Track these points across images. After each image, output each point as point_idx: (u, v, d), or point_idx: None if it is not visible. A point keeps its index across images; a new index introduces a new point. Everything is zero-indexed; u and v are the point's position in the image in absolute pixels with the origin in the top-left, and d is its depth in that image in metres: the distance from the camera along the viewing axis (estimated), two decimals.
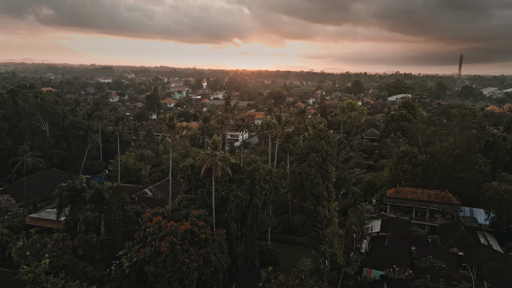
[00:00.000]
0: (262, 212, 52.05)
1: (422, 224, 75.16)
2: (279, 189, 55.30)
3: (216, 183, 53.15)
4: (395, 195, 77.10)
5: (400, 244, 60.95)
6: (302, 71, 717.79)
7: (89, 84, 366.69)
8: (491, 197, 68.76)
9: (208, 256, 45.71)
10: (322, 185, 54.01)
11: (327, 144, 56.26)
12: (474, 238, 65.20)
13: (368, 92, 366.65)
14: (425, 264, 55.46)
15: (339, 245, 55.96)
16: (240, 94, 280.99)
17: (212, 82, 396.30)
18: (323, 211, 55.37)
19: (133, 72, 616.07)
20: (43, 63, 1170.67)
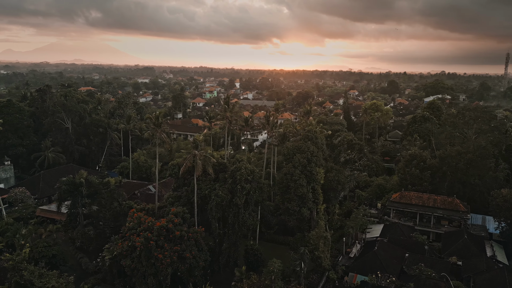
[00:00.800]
0: (244, 212, 52.24)
1: (427, 231, 72.30)
2: (263, 189, 55.18)
3: (200, 181, 54.03)
4: (399, 199, 74.59)
5: (393, 250, 58.96)
6: (340, 71, 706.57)
7: (128, 84, 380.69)
8: (499, 205, 64.85)
9: (183, 253, 46.56)
10: (306, 186, 53.32)
11: (314, 145, 55.43)
12: (478, 248, 61.78)
13: (405, 92, 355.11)
14: (414, 272, 53.46)
15: (325, 248, 55.07)
16: (269, 94, 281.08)
17: (244, 82, 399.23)
18: (307, 213, 54.64)
19: (171, 72, 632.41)
20: (91, 63, 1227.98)
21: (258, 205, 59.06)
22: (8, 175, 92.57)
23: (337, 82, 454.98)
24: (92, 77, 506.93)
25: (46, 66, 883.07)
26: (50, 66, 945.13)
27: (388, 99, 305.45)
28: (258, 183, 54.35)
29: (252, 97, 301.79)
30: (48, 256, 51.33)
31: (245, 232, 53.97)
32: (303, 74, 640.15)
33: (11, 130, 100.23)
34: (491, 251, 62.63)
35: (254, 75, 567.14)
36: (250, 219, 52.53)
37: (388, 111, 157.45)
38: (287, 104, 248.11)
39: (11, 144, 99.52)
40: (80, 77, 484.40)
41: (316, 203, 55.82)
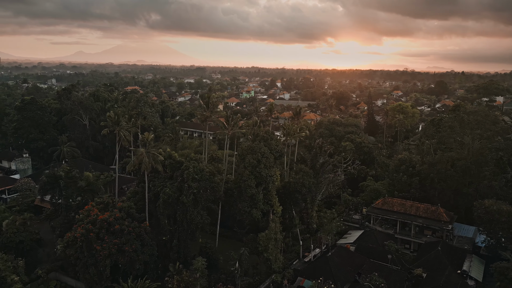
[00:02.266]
0: (193, 210, 53.26)
1: (408, 240, 68.69)
2: (215, 189, 55.70)
3: (156, 179, 55.89)
4: (381, 206, 71.52)
5: (351, 257, 56.91)
6: (392, 70, 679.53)
7: (173, 83, 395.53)
8: (480, 216, 60.02)
9: (122, 246, 48.62)
10: (254, 188, 53.12)
11: (267, 146, 54.92)
12: (452, 261, 57.84)
13: (457, 93, 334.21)
14: (364, 281, 51.40)
15: (276, 250, 54.60)
16: (304, 94, 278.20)
17: (286, 82, 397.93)
18: (258, 214, 54.37)
19: (221, 73, 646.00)
20: (151, 64, 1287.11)
21: (218, 204, 59.80)
22: (26, 166, 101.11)
23: (381, 82, 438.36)
24: (145, 77, 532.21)
25: (109, 67, 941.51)
26: (113, 67, 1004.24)
27: (434, 100, 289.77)
28: (211, 182, 55.07)
29: (290, 97, 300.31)
30: (15, 242, 55.73)
31: (194, 230, 54.88)
32: (352, 73, 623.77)
33: (34, 125, 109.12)
34: (468, 265, 58.20)
35: (302, 74, 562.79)
36: (198, 217, 53.43)
37: (415, 114, 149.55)
38: (321, 105, 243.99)
39: (33, 138, 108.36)
40: (135, 77, 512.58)
41: (270, 205, 55.37)
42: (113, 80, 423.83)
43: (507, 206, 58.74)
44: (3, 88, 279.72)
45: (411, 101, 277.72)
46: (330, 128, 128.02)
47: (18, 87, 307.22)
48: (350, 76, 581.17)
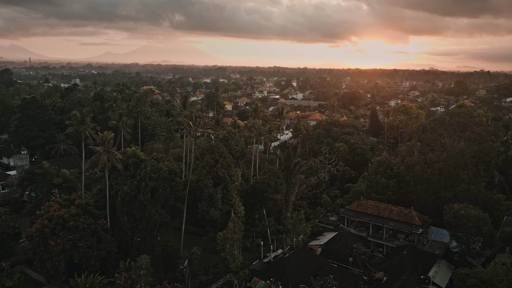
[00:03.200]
0: (151, 208, 54.06)
1: (381, 243, 67.31)
2: (175, 188, 56.22)
3: (120, 177, 57.05)
4: (356, 208, 70.39)
5: (311, 259, 56.32)
6: (422, 70, 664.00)
7: (190, 83, 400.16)
8: (449, 220, 58.21)
9: (77, 242, 49.92)
10: (212, 187, 53.37)
11: (227, 146, 54.99)
12: (417, 266, 56.35)
13: (480, 93, 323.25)
14: (317, 283, 50.86)
15: (234, 249, 54.66)
16: (316, 94, 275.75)
17: (302, 81, 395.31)
18: (216, 213, 54.61)
19: (240, 73, 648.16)
20: (175, 64, 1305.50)
21: (184, 202, 60.40)
22: (23, 163, 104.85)
23: (398, 82, 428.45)
24: (165, 77, 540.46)
25: (134, 67, 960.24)
26: (137, 67, 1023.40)
27: (452, 101, 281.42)
28: (171, 182, 55.72)
29: (303, 97, 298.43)
30: None
31: (152, 228, 55.62)
32: (373, 73, 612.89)
33: (34, 123, 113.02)
34: (434, 271, 56.58)
35: (323, 74, 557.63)
36: (156, 216, 54.16)
37: (419, 115, 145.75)
38: (331, 105, 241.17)
39: (33, 135, 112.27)
40: (156, 77, 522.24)
41: (231, 205, 55.53)
42: (132, 79, 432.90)
43: (476, 211, 56.81)
44: (25, 87, 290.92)
45: (427, 102, 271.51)
46: (327, 128, 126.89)
47: (40, 87, 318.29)
48: (371, 76, 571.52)
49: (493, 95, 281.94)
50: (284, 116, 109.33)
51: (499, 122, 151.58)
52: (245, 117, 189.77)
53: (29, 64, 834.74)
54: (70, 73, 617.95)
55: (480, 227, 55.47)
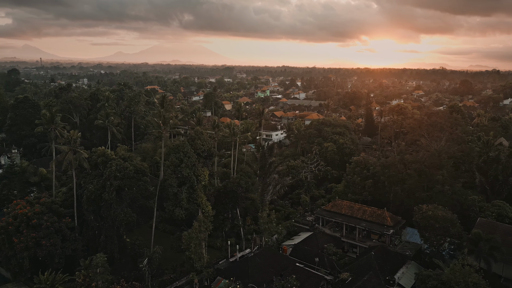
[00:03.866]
0: (116, 207, 54.58)
1: (355, 244, 66.88)
2: (142, 187, 56.65)
3: (88, 176, 57.73)
4: (330, 208, 70.08)
5: (277, 259, 56.25)
6: (433, 69, 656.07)
7: (195, 83, 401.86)
8: (417, 221, 57.60)
9: (40, 240, 50.67)
10: (176, 187, 53.65)
11: (192, 146, 55.19)
12: (385, 266, 55.93)
13: (486, 93, 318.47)
14: (279, 283, 50.84)
15: (199, 249, 54.95)
16: (317, 93, 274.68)
17: (306, 81, 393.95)
18: (181, 213, 54.87)
19: (246, 72, 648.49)
20: (184, 64, 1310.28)
21: (154, 201, 60.80)
22: (14, 162, 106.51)
23: (403, 81, 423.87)
24: (172, 77, 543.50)
25: (144, 67, 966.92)
26: (147, 66, 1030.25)
27: (457, 100, 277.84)
28: (138, 181, 56.17)
29: (305, 96, 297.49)
30: None
31: (118, 226, 56.10)
32: (381, 72, 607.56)
33: (26, 122, 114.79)
34: (402, 272, 56.11)
35: (330, 74, 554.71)
36: (121, 214, 54.64)
37: (414, 115, 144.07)
38: (333, 104, 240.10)
39: (25, 134, 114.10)
40: (163, 76, 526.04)
41: (198, 204, 55.76)
42: (138, 79, 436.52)
43: (445, 212, 56.09)
44: (31, 87, 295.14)
45: (430, 101, 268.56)
46: (318, 128, 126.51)
47: (46, 86, 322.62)
48: (379, 75, 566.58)
49: (499, 95, 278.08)
50: (265, 116, 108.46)
51: (497, 122, 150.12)
52: (243, 117, 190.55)
53: (40, 64, 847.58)
54: (79, 73, 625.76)
55: (447, 228, 54.75)
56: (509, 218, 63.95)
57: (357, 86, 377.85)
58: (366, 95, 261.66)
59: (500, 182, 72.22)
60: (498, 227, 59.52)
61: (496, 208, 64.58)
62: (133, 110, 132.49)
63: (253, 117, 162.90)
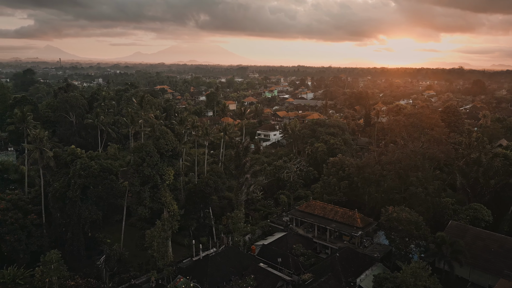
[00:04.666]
0: (81, 205, 55.61)
1: (327, 245, 66.31)
2: (108, 185, 57.43)
3: (58, 174, 59.02)
4: (304, 208, 69.70)
5: (239, 258, 56.28)
6: (452, 68, 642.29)
7: (205, 82, 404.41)
8: (382, 223, 56.77)
9: (4, 235, 52.07)
10: (139, 186, 54.27)
11: (155, 145, 55.65)
12: (350, 268, 55.40)
13: (501, 93, 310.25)
14: (236, 283, 50.98)
15: (162, 247, 55.51)
16: (324, 93, 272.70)
17: (316, 81, 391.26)
18: (144, 211, 55.46)
19: (259, 72, 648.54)
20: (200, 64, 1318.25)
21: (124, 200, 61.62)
22: (10, 159, 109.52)
23: (414, 81, 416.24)
24: (185, 77, 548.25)
25: (160, 67, 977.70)
26: (163, 66, 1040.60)
27: (468, 101, 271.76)
28: (104, 179, 57.07)
29: (313, 96, 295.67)
30: None
31: (83, 224, 57.09)
32: (396, 72, 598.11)
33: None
34: (365, 275, 55.43)
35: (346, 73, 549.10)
36: (86, 212, 55.62)
37: None
38: (338, 105, 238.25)
39: (21, 133, 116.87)
40: (177, 76, 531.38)
41: (160, 202, 56.32)
42: (151, 79, 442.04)
43: (410, 214, 55.06)
44: (43, 87, 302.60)
45: (440, 101, 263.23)
46: (312, 128, 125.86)
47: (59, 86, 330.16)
48: (393, 75, 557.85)
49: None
50: (246, 116, 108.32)
51: (501, 123, 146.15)
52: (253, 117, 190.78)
53: (59, 65, 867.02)
54: (96, 73, 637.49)
55: (411, 230, 53.76)
56: (485, 221, 62.43)
57: (369, 86, 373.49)
58: (373, 95, 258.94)
59: (481, 185, 70.36)
60: (469, 231, 58.18)
61: (471, 211, 63.09)
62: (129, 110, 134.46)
63: (250, 117, 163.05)
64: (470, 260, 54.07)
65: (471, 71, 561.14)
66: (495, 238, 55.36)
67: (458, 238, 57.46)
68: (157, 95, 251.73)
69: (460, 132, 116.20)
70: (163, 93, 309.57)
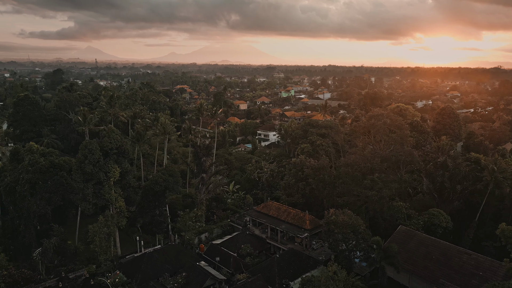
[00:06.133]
0: (30, 199, 58.08)
1: (279, 246, 65.68)
2: (57, 181, 59.50)
3: (15, 169, 61.89)
4: (261, 209, 69.33)
5: (179, 256, 56.82)
6: (492, 68, 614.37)
7: (227, 82, 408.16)
8: (322, 226, 55.56)
9: None
10: (81, 182, 55.96)
11: (100, 144, 57.06)
12: (289, 270, 54.96)
13: None
14: (166, 280, 51.75)
15: (104, 243, 57.06)
16: (339, 94, 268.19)
17: (338, 80, 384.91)
18: (87, 207, 57.00)
19: (286, 71, 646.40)
20: (231, 64, 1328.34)
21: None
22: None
23: (439, 81, 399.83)
24: (211, 76, 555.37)
25: (191, 67, 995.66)
26: (194, 66, 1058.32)
27: (493, 102, 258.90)
28: (54, 175, 59.30)
29: (330, 96, 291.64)
30: None
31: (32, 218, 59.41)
32: (425, 72, 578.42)
33: (25, 118, 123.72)
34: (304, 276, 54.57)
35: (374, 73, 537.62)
36: (34, 206, 57.99)
37: (414, 117, 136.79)
38: (352, 105, 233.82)
39: (23, 130, 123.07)
40: (200, 76, 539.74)
41: (104, 199, 57.86)
42: (174, 79, 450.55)
43: (348, 217, 53.57)
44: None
45: (462, 103, 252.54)
46: (304, 129, 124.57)
47: (86, 85, 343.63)
48: (423, 75, 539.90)
49: None
50: (218, 116, 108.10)
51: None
52: (252, 117, 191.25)
53: (95, 65, 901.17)
54: (128, 73, 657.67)
55: (347, 234, 52.36)
56: (442, 227, 59.94)
57: (393, 86, 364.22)
58: (390, 96, 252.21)
59: (448, 190, 67.37)
60: (415, 237, 56.09)
61: (427, 217, 60.72)
62: (129, 108, 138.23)
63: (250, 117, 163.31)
64: (410, 266, 52.28)
65: (507, 70, 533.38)
66: (438, 245, 53.04)
67: (403, 243, 55.78)
68: (171, 94, 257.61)
69: (457, 135, 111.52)
70: (182, 93, 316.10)
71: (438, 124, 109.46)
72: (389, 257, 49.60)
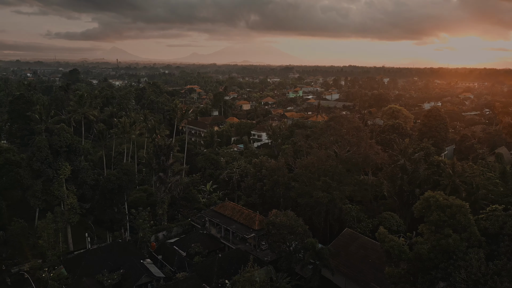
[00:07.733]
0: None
1: (231, 246, 65.56)
2: (13, 178, 61.32)
3: None
4: (218, 209, 69.37)
5: (123, 254, 57.47)
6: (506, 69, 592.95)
7: (238, 82, 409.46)
8: (264, 227, 55.18)
9: None
10: (30, 179, 57.53)
11: (50, 142, 58.44)
12: (230, 268, 54.86)
13: None
14: (102, 277, 52.52)
15: (52, 239, 58.41)
16: (345, 94, 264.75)
17: (350, 81, 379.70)
18: (35, 203, 58.63)
19: (302, 72, 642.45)
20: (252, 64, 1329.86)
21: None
22: None
23: (452, 82, 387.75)
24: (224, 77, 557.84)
25: (211, 67, 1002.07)
26: (214, 67, 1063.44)
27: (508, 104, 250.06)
28: (9, 172, 61.13)
29: (338, 97, 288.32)
30: None
31: None
32: (446, 72, 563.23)
33: (20, 117, 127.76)
34: None
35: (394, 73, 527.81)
36: None
37: (407, 119, 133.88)
38: (357, 106, 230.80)
39: (18, 127, 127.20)
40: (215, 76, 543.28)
41: (54, 196, 59.25)
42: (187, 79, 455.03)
43: (286, 218, 53.01)
44: (83, 85, 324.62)
45: (472, 105, 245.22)
46: (291, 130, 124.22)
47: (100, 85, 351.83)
48: (442, 76, 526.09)
49: None
50: (187, 117, 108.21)
51: None
52: (249, 117, 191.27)
53: (116, 65, 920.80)
54: (147, 73, 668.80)
55: (284, 235, 51.84)
56: (393, 231, 58.50)
57: (406, 87, 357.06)
58: (398, 97, 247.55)
59: (407, 193, 65.74)
60: (358, 239, 55.08)
61: (377, 220, 59.51)
62: (123, 107, 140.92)
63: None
64: (346, 269, 51.37)
65: None
66: (377, 249, 51.72)
67: (345, 246, 54.97)
68: (178, 94, 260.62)
69: (443, 138, 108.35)
70: (191, 92, 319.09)
71: (424, 127, 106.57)
72: (322, 259, 48.84)
